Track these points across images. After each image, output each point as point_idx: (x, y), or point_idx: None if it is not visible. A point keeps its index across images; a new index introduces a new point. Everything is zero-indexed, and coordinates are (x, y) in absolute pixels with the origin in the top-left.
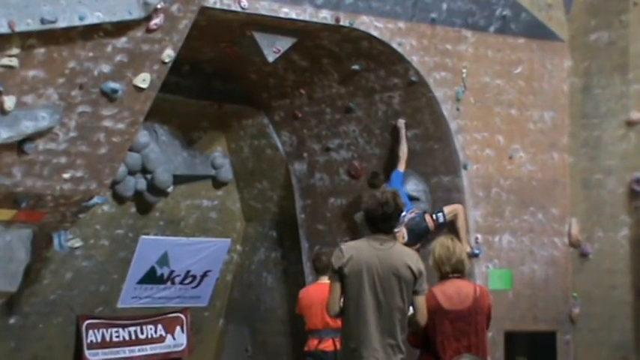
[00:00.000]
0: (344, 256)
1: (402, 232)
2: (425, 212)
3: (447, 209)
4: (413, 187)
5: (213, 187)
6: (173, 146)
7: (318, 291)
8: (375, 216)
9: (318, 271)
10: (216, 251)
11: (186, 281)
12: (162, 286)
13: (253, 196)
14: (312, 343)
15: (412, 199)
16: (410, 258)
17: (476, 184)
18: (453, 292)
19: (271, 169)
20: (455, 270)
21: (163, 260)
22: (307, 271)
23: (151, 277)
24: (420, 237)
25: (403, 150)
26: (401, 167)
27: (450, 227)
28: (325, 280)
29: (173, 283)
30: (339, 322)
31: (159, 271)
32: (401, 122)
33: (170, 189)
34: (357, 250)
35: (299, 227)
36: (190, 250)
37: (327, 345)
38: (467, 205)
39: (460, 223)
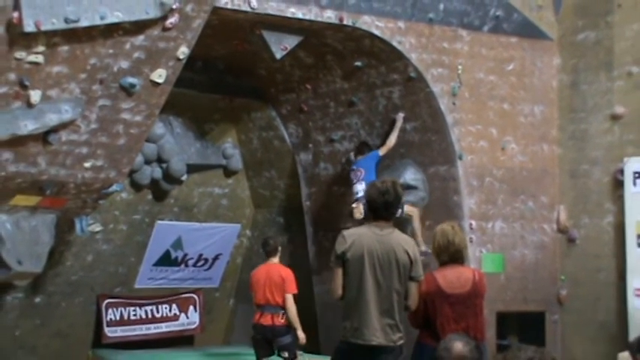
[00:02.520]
0: (346, 241)
1: (359, 207)
2: None
3: (406, 208)
4: (411, 175)
5: (224, 176)
6: (187, 137)
7: (265, 271)
8: (376, 204)
9: (267, 254)
10: (226, 236)
11: (199, 264)
12: (176, 269)
13: (262, 184)
14: (256, 317)
15: (410, 187)
16: (407, 244)
17: (470, 174)
18: (453, 277)
19: (278, 159)
20: (453, 260)
21: (177, 244)
22: (312, 254)
23: (165, 260)
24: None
25: (391, 139)
26: (382, 151)
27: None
28: (274, 261)
29: (186, 265)
30: (278, 300)
31: (173, 254)
32: (400, 115)
33: (184, 177)
34: (358, 236)
35: (304, 213)
36: (203, 235)
37: (266, 319)
38: (462, 194)
39: (415, 224)
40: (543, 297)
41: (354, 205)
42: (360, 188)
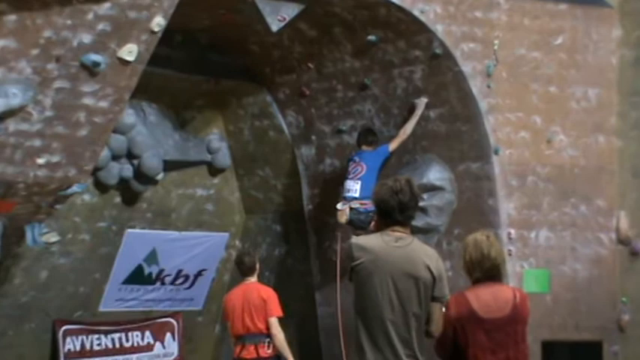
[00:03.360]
0: (355, 253)
1: (344, 211)
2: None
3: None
4: (437, 175)
5: (208, 175)
6: (163, 127)
7: (242, 293)
8: (388, 207)
9: (243, 273)
10: (212, 247)
11: (178, 281)
12: (150, 287)
13: (254, 185)
14: (236, 351)
15: (435, 188)
16: (430, 257)
17: (509, 172)
18: (489, 298)
19: (275, 153)
20: (488, 276)
21: (152, 257)
22: (315, 269)
23: (137, 277)
24: (357, 228)
25: (407, 128)
26: (392, 145)
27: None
28: (251, 280)
29: (163, 283)
30: (261, 326)
31: (147, 270)
32: (422, 101)
33: (160, 176)
34: (369, 248)
35: (306, 220)
36: (183, 246)
37: (250, 352)
38: (498, 196)
39: None
40: (600, 323)
41: (338, 207)
42: (352, 187)
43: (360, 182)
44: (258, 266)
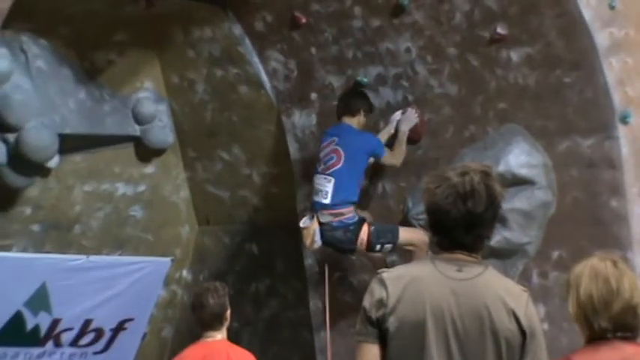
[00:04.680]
0: (388, 295)
1: (310, 230)
2: (363, 220)
3: (404, 234)
4: (522, 158)
5: (137, 159)
6: (59, 80)
7: (201, 357)
8: (447, 220)
9: (203, 325)
10: (142, 282)
11: (84, 341)
12: (36, 351)
13: (214, 177)
14: None
15: (519, 181)
16: (515, 298)
17: None
18: None
19: (248, 124)
20: (618, 328)
21: (39, 300)
22: (317, 318)
23: (14, 333)
24: (339, 251)
25: (396, 155)
26: (385, 158)
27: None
28: (216, 336)
29: (58, 344)
30: None
31: (30, 322)
32: (409, 114)
33: (53, 162)
34: (413, 284)
35: (300, 236)
36: (93, 281)
37: None
38: (627, 194)
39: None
40: None
41: (301, 224)
42: (322, 186)
43: (333, 179)
44: (228, 313)
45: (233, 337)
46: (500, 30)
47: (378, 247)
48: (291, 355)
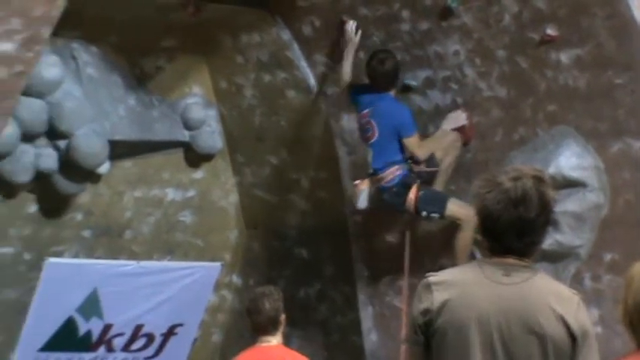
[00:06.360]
0: (434, 300)
1: (359, 188)
2: (411, 182)
3: (452, 207)
4: (574, 160)
5: (186, 165)
6: (109, 86)
7: None
8: (498, 225)
9: (257, 329)
10: (192, 288)
11: (136, 345)
12: (88, 356)
13: (263, 181)
14: None
15: (571, 183)
16: (565, 303)
17: None
18: None
19: (297, 128)
20: None
21: (91, 305)
22: (367, 323)
23: (66, 339)
24: (397, 210)
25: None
26: (412, 142)
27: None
28: (271, 341)
29: (110, 349)
30: None
31: (82, 327)
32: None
33: (104, 169)
34: (459, 288)
35: (350, 240)
36: (143, 287)
37: None
38: None
39: (461, 244)
40: None
41: (354, 182)
42: (368, 154)
43: (371, 150)
44: (283, 317)
45: (283, 341)
46: (550, 31)
47: (424, 213)
48: (348, 341)
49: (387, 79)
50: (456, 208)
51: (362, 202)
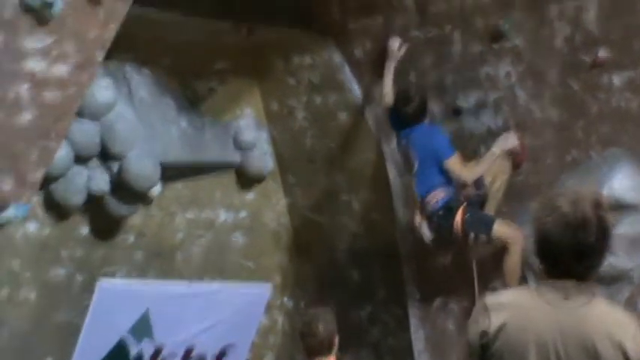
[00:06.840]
0: (490, 323)
1: (418, 224)
2: (458, 203)
3: (499, 228)
4: (626, 183)
5: (237, 186)
6: (162, 108)
7: None
8: (557, 250)
9: (311, 353)
10: (243, 309)
11: None
12: None
13: (314, 203)
14: None
15: (624, 207)
16: (622, 328)
17: None
18: None
19: (348, 150)
20: None
21: (142, 327)
22: (420, 345)
23: None
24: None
25: (475, 170)
26: (453, 162)
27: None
28: None
29: None
30: None
31: (134, 349)
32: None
33: (156, 190)
34: (516, 310)
35: (402, 262)
36: (195, 308)
37: None
38: None
39: (510, 266)
40: None
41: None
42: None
43: (414, 179)
44: (337, 339)
45: None
46: (602, 54)
47: (472, 235)
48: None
49: (415, 116)
50: (502, 229)
51: (426, 234)
